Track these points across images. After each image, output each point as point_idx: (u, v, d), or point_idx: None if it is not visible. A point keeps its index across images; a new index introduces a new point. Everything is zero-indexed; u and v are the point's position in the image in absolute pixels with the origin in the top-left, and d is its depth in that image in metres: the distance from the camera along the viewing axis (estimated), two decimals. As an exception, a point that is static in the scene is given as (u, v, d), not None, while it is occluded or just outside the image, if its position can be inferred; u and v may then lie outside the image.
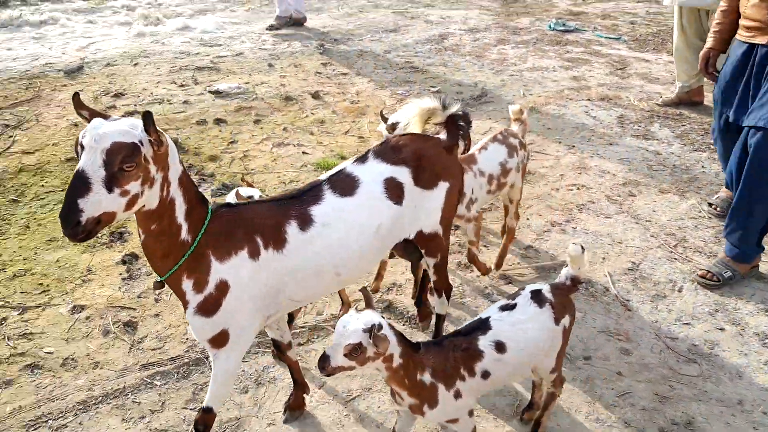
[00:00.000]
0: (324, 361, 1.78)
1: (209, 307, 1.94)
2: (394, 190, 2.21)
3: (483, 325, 2.07)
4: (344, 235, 2.10)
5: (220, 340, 2.00)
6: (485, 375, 2.02)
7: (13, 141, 4.67)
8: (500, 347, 2.02)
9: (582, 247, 2.10)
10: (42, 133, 4.81)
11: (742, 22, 3.20)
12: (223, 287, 1.94)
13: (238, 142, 4.75)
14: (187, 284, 1.92)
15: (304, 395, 2.48)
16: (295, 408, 2.46)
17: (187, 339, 2.86)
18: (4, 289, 3.17)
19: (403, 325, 2.99)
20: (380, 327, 1.78)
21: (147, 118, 1.68)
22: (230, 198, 2.80)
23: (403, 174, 2.24)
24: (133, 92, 5.57)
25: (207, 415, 2.08)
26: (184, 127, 4.96)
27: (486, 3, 9.26)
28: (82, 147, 1.68)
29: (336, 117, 5.26)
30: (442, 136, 2.44)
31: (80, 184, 1.65)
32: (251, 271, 1.98)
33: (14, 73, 5.98)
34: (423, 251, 2.44)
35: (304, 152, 4.65)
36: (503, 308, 2.11)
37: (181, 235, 1.88)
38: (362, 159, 2.27)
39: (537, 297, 2.11)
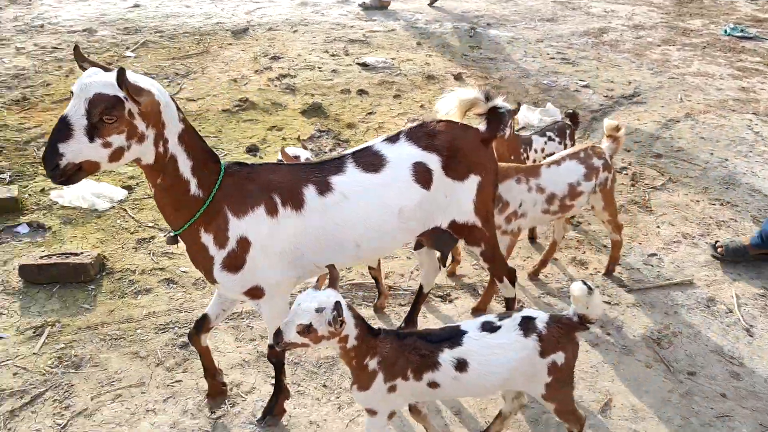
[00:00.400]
0: (278, 336, 1.78)
1: (235, 263, 1.97)
2: (422, 175, 2.15)
3: (455, 339, 1.93)
4: (364, 210, 2.07)
5: (254, 293, 2.07)
6: (432, 385, 1.92)
7: (180, 88, 5.24)
8: (462, 366, 1.89)
9: (589, 287, 1.85)
10: (205, 85, 5.35)
11: None
12: (244, 244, 1.96)
13: (375, 114, 4.95)
14: (207, 238, 1.95)
15: None
16: None
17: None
18: (156, 212, 3.63)
19: (504, 307, 3.01)
20: (338, 308, 1.73)
21: (119, 74, 1.65)
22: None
23: (432, 161, 2.18)
24: (289, 57, 5.98)
25: (274, 350, 2.24)
26: (329, 93, 5.25)
27: (657, 0, 8.67)
28: (72, 94, 1.70)
29: (474, 100, 5.27)
30: (482, 127, 2.34)
31: (63, 130, 1.67)
32: (270, 228, 1.98)
33: (189, 28, 6.66)
34: (463, 240, 2.37)
35: (436, 130, 4.74)
36: (485, 327, 1.95)
37: (190, 189, 1.90)
38: (392, 139, 2.22)
39: (526, 324, 1.92)
